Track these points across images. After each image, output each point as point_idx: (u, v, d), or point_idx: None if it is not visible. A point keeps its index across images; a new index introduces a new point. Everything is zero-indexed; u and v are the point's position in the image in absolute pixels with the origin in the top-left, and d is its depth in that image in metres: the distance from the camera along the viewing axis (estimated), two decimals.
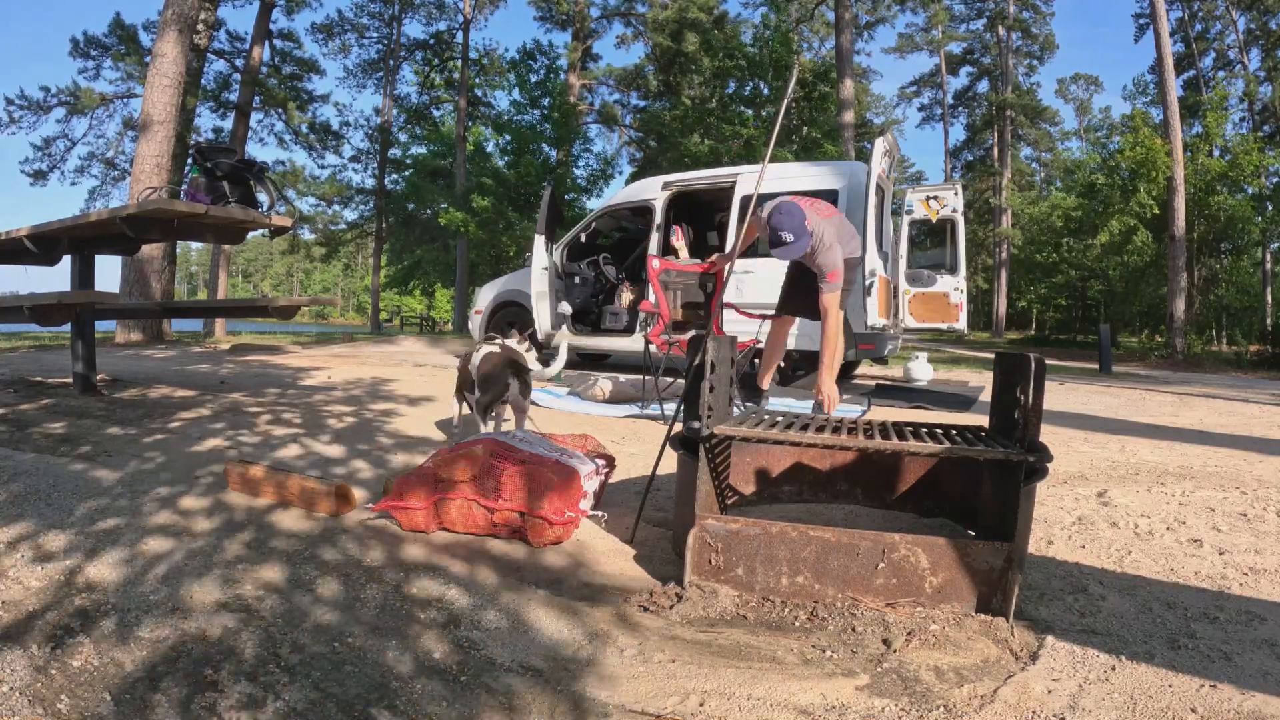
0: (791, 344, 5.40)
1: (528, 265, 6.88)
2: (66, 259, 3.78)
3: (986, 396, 5.04)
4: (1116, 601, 1.61)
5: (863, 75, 28.17)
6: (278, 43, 20.25)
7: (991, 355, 3.82)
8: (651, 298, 4.42)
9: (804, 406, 4.51)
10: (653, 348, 4.32)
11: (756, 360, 5.95)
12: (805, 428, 1.89)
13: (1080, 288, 22.79)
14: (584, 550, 1.89)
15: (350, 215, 24.64)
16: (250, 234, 4.00)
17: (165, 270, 9.91)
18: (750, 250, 5.90)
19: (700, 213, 7.34)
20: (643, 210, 6.68)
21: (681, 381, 3.20)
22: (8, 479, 2.11)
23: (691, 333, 5.84)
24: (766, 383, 3.99)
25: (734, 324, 5.48)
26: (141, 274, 9.00)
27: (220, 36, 18.61)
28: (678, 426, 2.11)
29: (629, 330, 6.47)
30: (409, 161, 22.79)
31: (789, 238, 3.25)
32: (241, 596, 1.52)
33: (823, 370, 3.46)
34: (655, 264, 4.43)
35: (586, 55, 23.66)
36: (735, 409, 2.19)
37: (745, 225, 3.15)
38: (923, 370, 6.72)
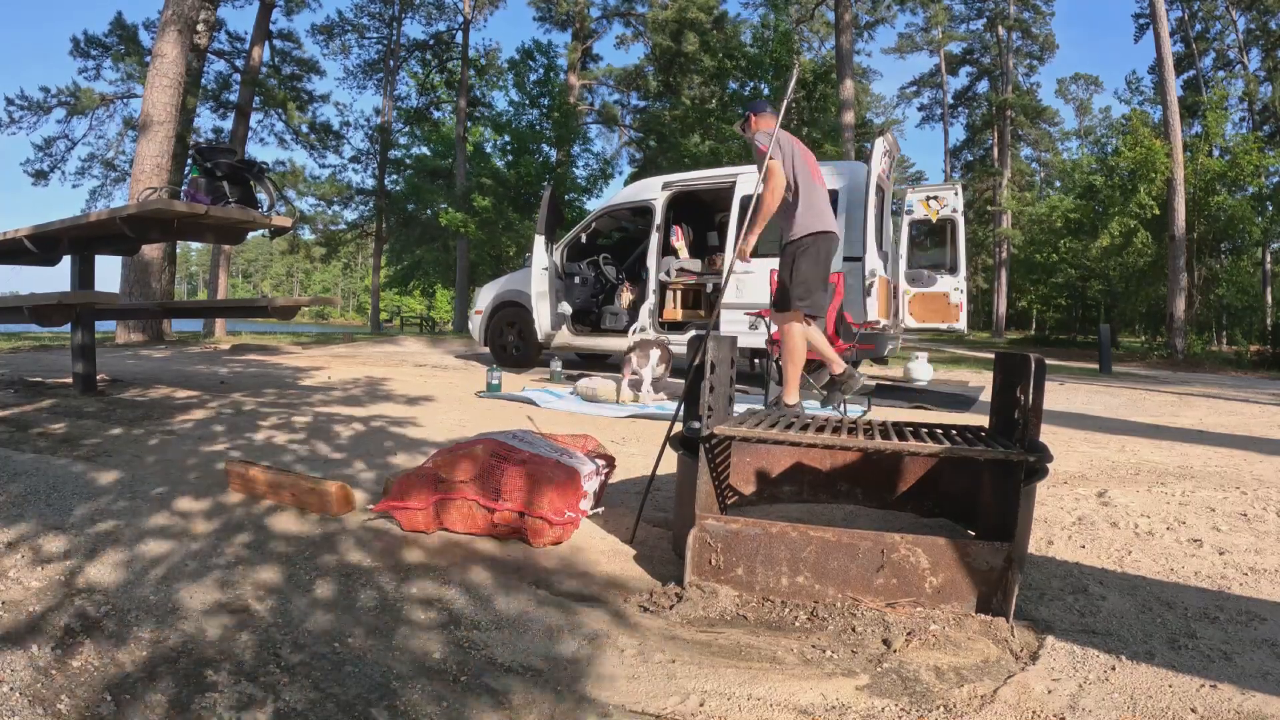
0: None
1: (528, 265, 6.88)
2: (67, 259, 3.79)
3: (986, 396, 5.03)
4: (1116, 601, 1.61)
5: (863, 75, 28.16)
6: (278, 43, 20.29)
7: (991, 355, 3.83)
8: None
9: (806, 407, 4.51)
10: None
11: (758, 360, 5.98)
12: (805, 428, 1.89)
13: (1080, 288, 22.78)
14: (584, 550, 1.89)
15: (350, 215, 24.68)
16: (250, 234, 4.00)
17: (165, 270, 9.91)
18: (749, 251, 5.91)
19: (700, 213, 7.35)
20: (643, 210, 6.69)
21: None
22: (8, 479, 2.11)
23: (692, 333, 5.85)
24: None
25: (734, 324, 5.49)
26: (141, 274, 9.01)
27: (220, 36, 18.64)
28: (678, 426, 2.11)
29: (629, 330, 6.47)
30: (409, 162, 22.80)
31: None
32: (241, 597, 1.52)
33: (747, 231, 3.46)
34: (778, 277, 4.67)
35: (586, 55, 23.67)
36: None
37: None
38: (923, 370, 6.72)
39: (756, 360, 6.05)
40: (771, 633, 1.48)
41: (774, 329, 4.71)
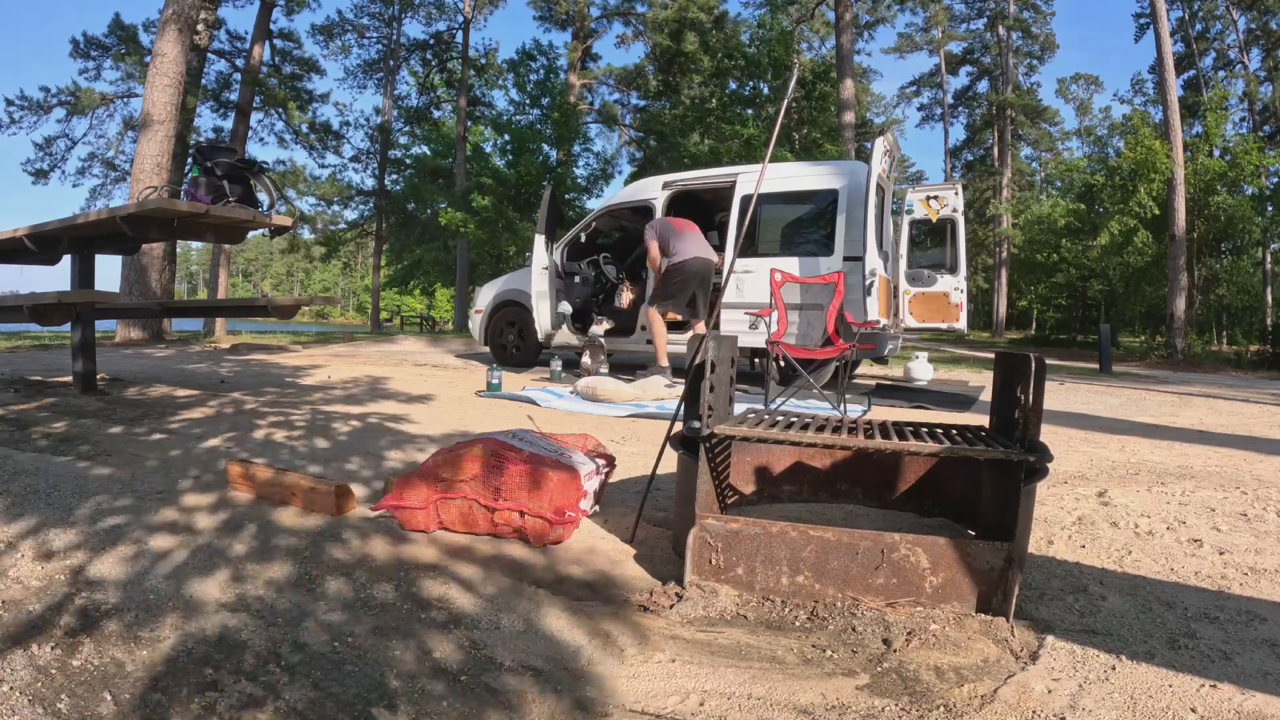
0: (793, 342, 5.42)
1: (528, 265, 6.88)
2: (66, 259, 3.78)
3: (986, 396, 5.03)
4: (1116, 601, 1.61)
5: (863, 75, 28.17)
6: (278, 42, 20.28)
7: (991, 355, 3.84)
8: (772, 306, 4.88)
9: (806, 408, 4.51)
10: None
11: (758, 360, 5.98)
12: (805, 427, 1.89)
13: (1080, 288, 22.78)
14: (584, 550, 1.89)
15: (350, 215, 24.69)
16: (250, 233, 4.00)
17: (165, 269, 9.89)
18: (750, 251, 5.91)
19: (700, 212, 7.34)
20: (643, 210, 6.68)
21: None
22: (8, 479, 2.11)
23: (691, 332, 5.85)
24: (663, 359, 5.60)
25: (734, 324, 5.49)
26: (142, 273, 9.00)
27: (220, 36, 18.65)
28: (678, 426, 2.11)
29: (628, 330, 6.48)
30: (409, 162, 22.80)
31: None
32: (241, 596, 1.52)
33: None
34: (778, 276, 4.88)
35: (586, 55, 23.67)
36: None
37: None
38: (923, 370, 6.71)
39: (756, 360, 6.05)
40: (771, 632, 1.48)
41: (774, 329, 4.76)
